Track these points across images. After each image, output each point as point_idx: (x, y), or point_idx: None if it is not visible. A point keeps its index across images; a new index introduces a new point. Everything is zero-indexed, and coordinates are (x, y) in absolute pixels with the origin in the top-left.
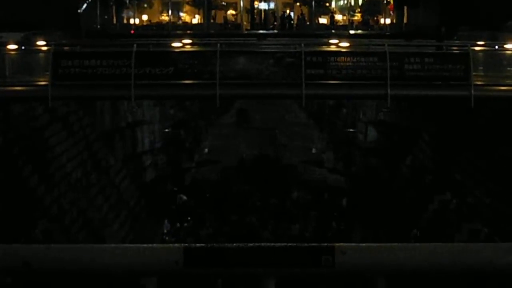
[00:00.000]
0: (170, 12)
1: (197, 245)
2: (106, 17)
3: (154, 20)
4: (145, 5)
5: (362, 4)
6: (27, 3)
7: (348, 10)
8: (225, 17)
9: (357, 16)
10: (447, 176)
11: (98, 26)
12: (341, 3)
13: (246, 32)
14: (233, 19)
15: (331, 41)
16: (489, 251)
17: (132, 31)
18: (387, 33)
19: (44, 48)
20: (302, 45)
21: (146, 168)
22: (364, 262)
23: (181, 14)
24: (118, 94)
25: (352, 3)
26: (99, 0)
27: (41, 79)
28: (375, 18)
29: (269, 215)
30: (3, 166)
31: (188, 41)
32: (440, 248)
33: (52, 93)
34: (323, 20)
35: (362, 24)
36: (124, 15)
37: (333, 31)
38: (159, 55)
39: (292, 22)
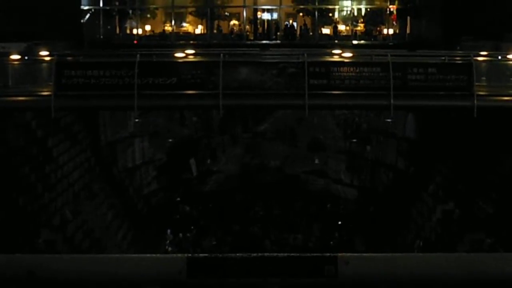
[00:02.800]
0: (173, 22)
1: (200, 255)
2: (109, 27)
3: (157, 30)
4: (148, 15)
5: (365, 15)
6: (30, 13)
7: (351, 20)
8: (229, 27)
9: (360, 27)
10: (450, 186)
11: (101, 36)
12: (344, 13)
13: (249, 42)
14: (236, 30)
15: (334, 51)
16: (493, 261)
17: (135, 41)
18: (390, 43)
19: (47, 58)
20: (305, 55)
21: (149, 178)
22: (367, 271)
23: (184, 24)
24: (121, 104)
25: (355, 14)
26: (102, 10)
27: (44, 90)
28: (378, 29)
29: (272, 225)
30: (5, 176)
31: (191, 51)
32: (443, 258)
33: (55, 103)
34: (326, 30)
35: (365, 34)
36: (127, 25)
37: (336, 41)
38: (162, 65)
39: (295, 32)
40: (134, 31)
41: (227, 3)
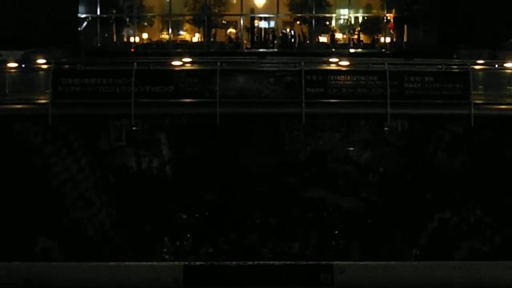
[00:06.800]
0: (170, 30)
1: (197, 263)
2: (106, 35)
3: (154, 39)
4: (145, 24)
5: (362, 23)
6: (27, 21)
7: (348, 29)
8: (226, 36)
9: (357, 35)
10: (447, 194)
11: (99, 44)
12: (341, 21)
13: (246, 50)
14: (234, 38)
15: (331, 59)
16: (489, 269)
17: (132, 49)
18: (387, 52)
19: (44, 66)
20: (302, 63)
21: (146, 186)
22: (362, 280)
23: (181, 32)
24: (119, 113)
25: (352, 22)
26: (99, 18)
27: (41, 98)
28: (375, 37)
29: (269, 234)
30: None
31: (188, 59)
32: (438, 266)
33: (52, 111)
34: (323, 39)
35: (362, 43)
36: (124, 33)
37: (333, 49)
38: (159, 74)
39: (292, 40)
40: (131, 39)
41: (224, 12)
